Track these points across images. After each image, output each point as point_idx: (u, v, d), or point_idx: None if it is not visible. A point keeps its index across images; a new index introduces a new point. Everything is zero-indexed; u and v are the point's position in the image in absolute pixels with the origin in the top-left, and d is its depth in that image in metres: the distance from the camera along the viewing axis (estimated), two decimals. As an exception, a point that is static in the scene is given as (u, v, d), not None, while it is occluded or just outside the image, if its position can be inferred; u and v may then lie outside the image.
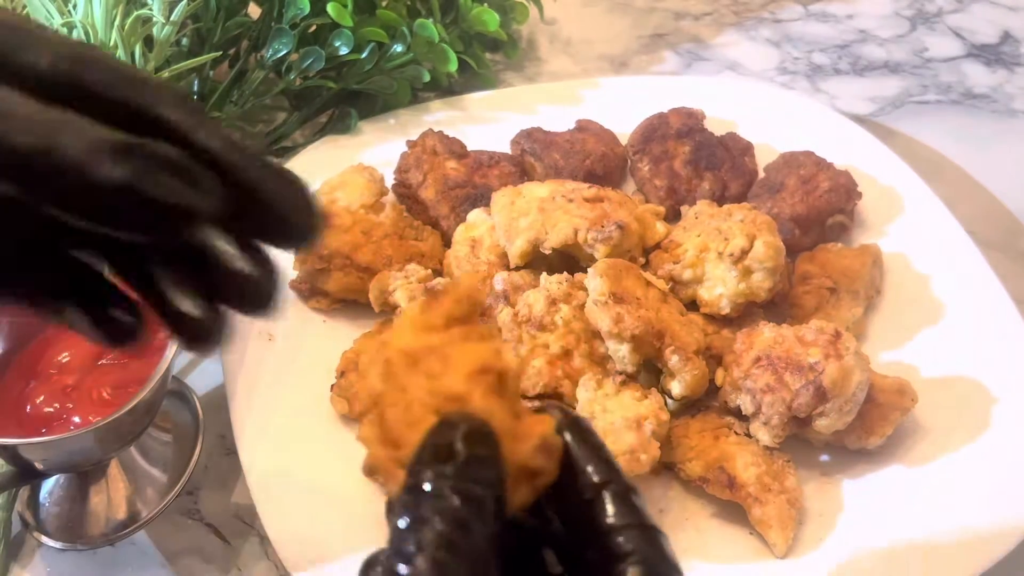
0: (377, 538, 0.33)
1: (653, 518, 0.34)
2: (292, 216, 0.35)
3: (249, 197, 0.34)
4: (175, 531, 0.69)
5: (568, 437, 0.34)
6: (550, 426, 0.34)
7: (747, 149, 0.89)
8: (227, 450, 0.72)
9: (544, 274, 0.73)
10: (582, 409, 0.66)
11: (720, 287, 0.73)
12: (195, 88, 0.90)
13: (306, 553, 0.63)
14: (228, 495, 0.71)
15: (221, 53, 0.91)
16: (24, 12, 0.83)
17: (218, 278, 0.35)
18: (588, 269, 0.70)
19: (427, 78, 0.94)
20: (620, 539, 0.33)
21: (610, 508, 0.33)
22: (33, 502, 0.68)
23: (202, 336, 0.36)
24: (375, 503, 0.64)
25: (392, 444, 0.33)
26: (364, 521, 0.63)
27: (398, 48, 0.92)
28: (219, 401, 0.72)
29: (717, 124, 0.90)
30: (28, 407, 0.62)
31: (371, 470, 0.33)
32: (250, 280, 0.35)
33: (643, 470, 0.63)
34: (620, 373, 0.68)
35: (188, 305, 0.36)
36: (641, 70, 1.08)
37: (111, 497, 0.68)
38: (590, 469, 0.34)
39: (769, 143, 0.90)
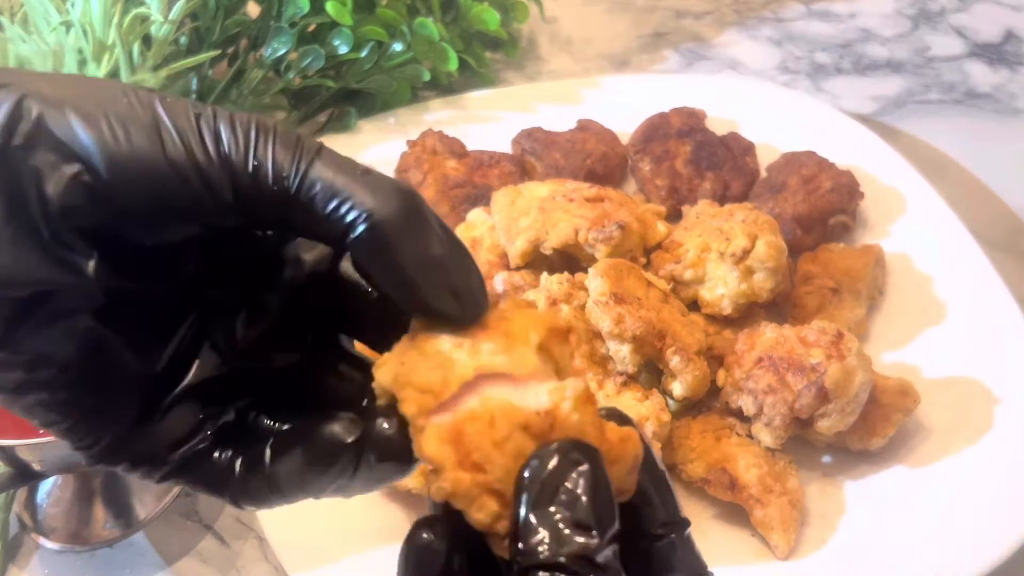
0: (376, 540, 0.32)
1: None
2: None
3: None
4: (174, 533, 0.68)
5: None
6: (638, 444, 0.30)
7: (749, 149, 0.88)
8: (226, 451, 0.72)
9: (544, 274, 0.72)
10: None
11: (722, 287, 0.73)
12: (194, 87, 0.90)
13: (305, 555, 0.63)
14: (227, 496, 0.70)
15: (220, 52, 0.90)
16: (22, 11, 0.83)
17: None
18: (589, 269, 0.70)
19: (427, 77, 0.94)
20: None
21: (680, 552, 0.31)
22: (31, 503, 0.68)
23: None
24: (375, 505, 0.64)
25: (475, 467, 0.28)
26: (364, 523, 0.62)
27: (398, 47, 0.91)
28: (218, 402, 0.71)
29: (718, 124, 0.90)
30: (25, 408, 0.62)
31: (450, 496, 0.28)
32: None
33: (644, 471, 0.63)
34: (621, 374, 0.68)
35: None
36: (642, 69, 1.08)
37: (109, 498, 0.68)
38: (659, 504, 0.32)
39: (771, 143, 0.90)
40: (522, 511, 0.28)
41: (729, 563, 0.64)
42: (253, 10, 0.93)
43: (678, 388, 0.67)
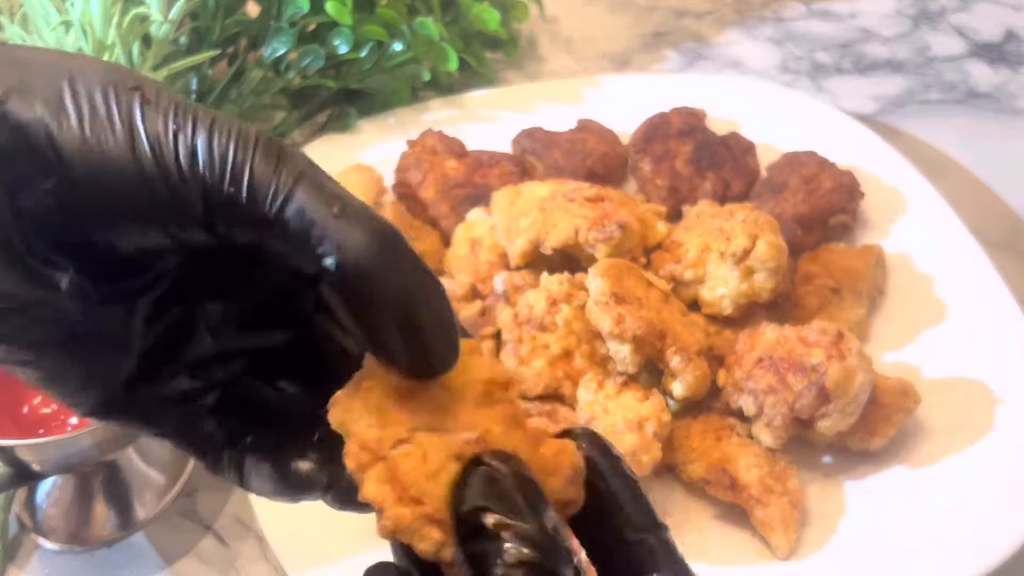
0: (376, 540, 0.32)
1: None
2: None
3: None
4: (173, 533, 0.68)
5: (599, 465, 0.31)
6: (575, 454, 0.31)
7: (749, 148, 0.88)
8: (226, 451, 0.72)
9: (544, 274, 0.72)
10: (582, 410, 0.66)
11: (722, 287, 0.73)
12: (193, 87, 0.90)
13: (305, 555, 0.63)
14: (227, 497, 0.70)
15: (219, 51, 0.90)
16: (22, 11, 0.82)
17: None
18: (589, 269, 0.70)
19: (427, 77, 0.94)
20: None
21: (660, 557, 0.31)
22: (30, 504, 0.68)
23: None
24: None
25: (413, 501, 0.29)
26: (363, 523, 0.62)
27: (398, 47, 0.91)
28: (217, 402, 0.71)
29: (719, 123, 0.90)
30: (25, 408, 0.62)
31: (393, 532, 0.29)
32: None
33: (644, 472, 0.63)
34: (621, 374, 0.67)
35: None
36: (642, 69, 1.08)
37: (109, 499, 0.68)
38: (632, 511, 0.31)
39: (771, 142, 0.89)
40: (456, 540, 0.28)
41: (729, 563, 0.64)
42: (253, 10, 0.92)
43: (678, 388, 0.67)
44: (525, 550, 0.27)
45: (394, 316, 0.29)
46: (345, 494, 0.35)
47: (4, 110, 0.28)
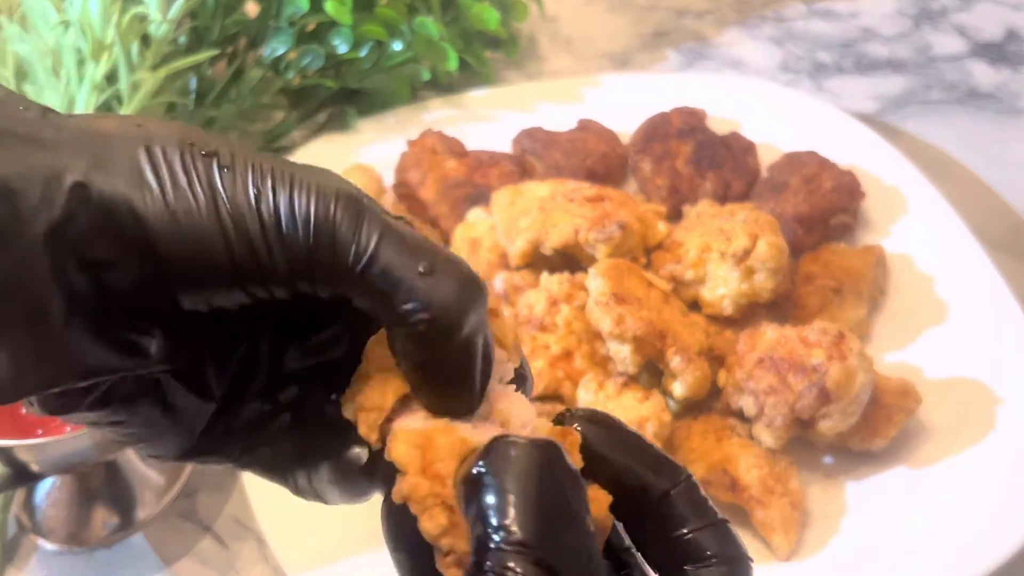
0: (377, 540, 0.32)
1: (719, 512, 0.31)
2: None
3: None
4: (172, 534, 0.68)
5: (603, 447, 0.32)
6: (605, 501, 0.30)
7: (750, 148, 0.88)
8: (225, 452, 0.72)
9: (545, 274, 0.72)
10: (583, 411, 0.66)
11: (722, 287, 0.73)
12: (192, 86, 0.90)
13: (304, 556, 0.62)
14: (226, 497, 0.70)
15: (219, 51, 0.90)
16: (20, 10, 0.82)
17: None
18: (589, 269, 0.69)
19: (427, 76, 0.93)
20: (697, 539, 0.30)
21: (682, 509, 0.31)
22: (29, 504, 0.68)
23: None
24: (375, 506, 0.64)
25: (435, 477, 0.29)
26: (362, 524, 0.62)
27: (397, 46, 0.91)
28: (217, 402, 0.71)
29: (719, 123, 0.90)
30: (23, 408, 0.62)
31: (405, 498, 0.29)
32: None
33: (645, 472, 0.62)
34: (621, 374, 0.67)
35: None
36: (643, 68, 1.08)
37: (108, 499, 0.68)
38: (647, 473, 0.31)
39: (772, 142, 0.89)
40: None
41: (730, 564, 0.64)
42: (252, 9, 0.92)
43: (679, 388, 0.67)
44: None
45: (458, 363, 0.30)
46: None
47: (88, 189, 0.28)
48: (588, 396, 0.66)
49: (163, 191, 0.28)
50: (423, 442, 0.29)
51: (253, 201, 0.28)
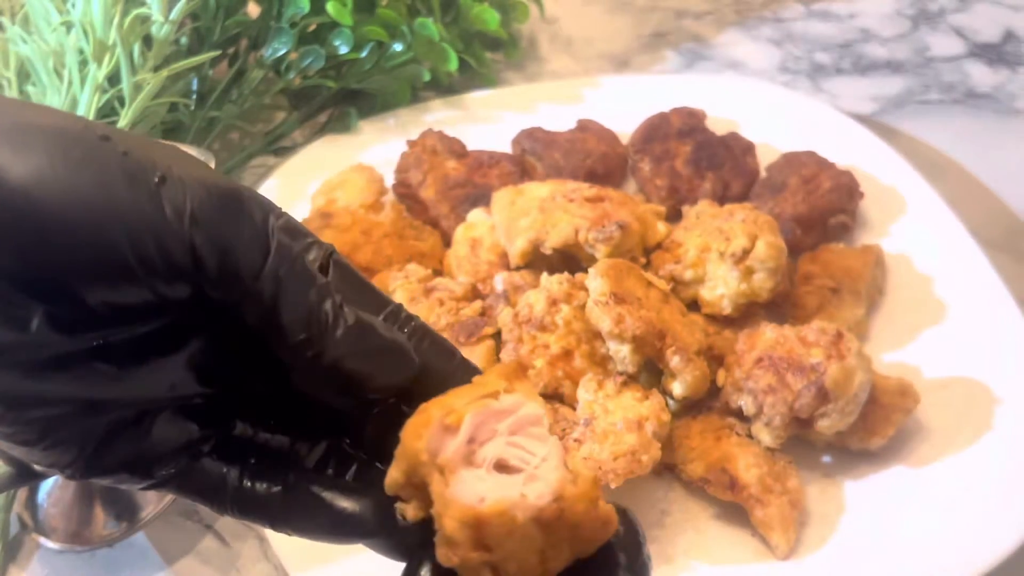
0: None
1: None
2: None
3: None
4: (174, 532, 0.68)
5: (621, 541, 0.34)
6: (612, 527, 0.33)
7: (749, 149, 0.88)
8: (226, 451, 0.72)
9: (545, 274, 0.72)
10: (582, 410, 0.66)
11: (722, 287, 0.73)
12: (194, 87, 0.90)
13: (305, 555, 0.63)
14: (227, 496, 0.70)
15: (220, 52, 0.90)
16: (23, 12, 0.83)
17: None
18: (589, 269, 0.70)
19: (427, 77, 0.94)
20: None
21: None
22: (31, 503, 0.68)
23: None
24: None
25: (485, 548, 0.31)
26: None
27: (398, 47, 0.91)
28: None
29: (718, 123, 0.90)
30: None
31: (456, 566, 0.32)
32: None
33: (644, 471, 0.63)
34: (621, 374, 0.68)
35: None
36: (642, 69, 1.08)
37: (110, 498, 0.68)
38: None
39: (771, 143, 0.90)
40: None
41: (729, 563, 0.64)
42: (253, 10, 0.93)
43: (678, 388, 0.67)
44: None
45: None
46: (403, 535, 0.36)
47: None
48: (588, 395, 0.66)
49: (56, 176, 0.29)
50: (475, 523, 0.31)
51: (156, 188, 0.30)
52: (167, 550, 0.67)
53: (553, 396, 0.68)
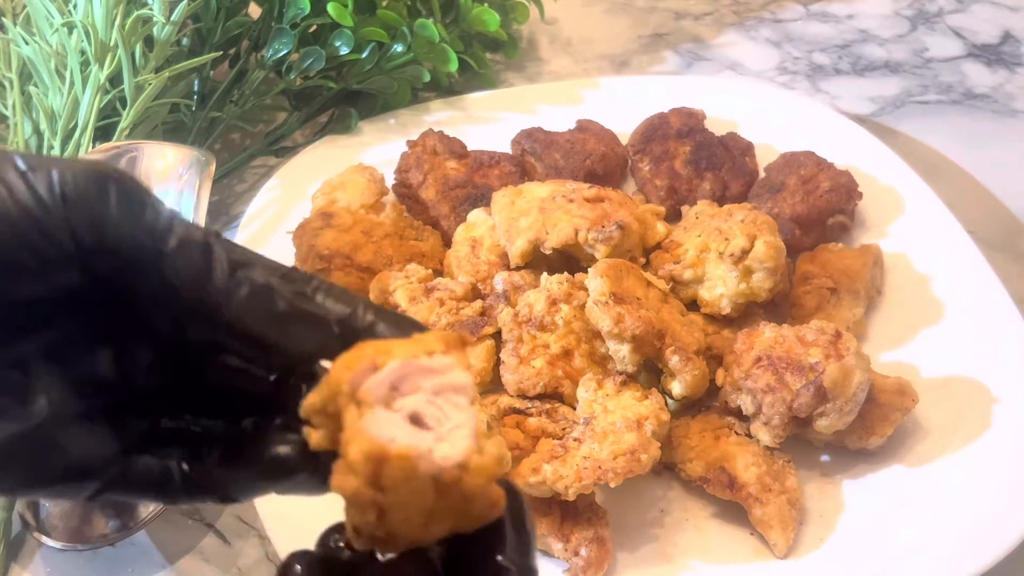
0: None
1: None
2: None
3: None
4: (176, 531, 0.68)
5: (508, 520, 0.34)
6: (500, 507, 0.34)
7: (748, 149, 0.89)
8: (227, 450, 0.72)
9: (544, 274, 0.73)
10: (582, 409, 0.66)
11: (721, 287, 0.73)
12: (195, 88, 0.91)
13: (306, 553, 0.63)
14: (228, 495, 0.70)
15: (221, 53, 0.91)
16: (24, 13, 0.83)
17: None
18: (588, 269, 0.70)
19: (427, 78, 0.94)
20: None
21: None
22: (33, 502, 0.68)
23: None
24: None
25: (379, 487, 0.32)
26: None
27: (398, 48, 0.92)
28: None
29: (718, 124, 0.90)
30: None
31: (343, 494, 0.33)
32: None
33: (643, 470, 0.63)
34: (620, 373, 0.68)
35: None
36: (642, 70, 1.08)
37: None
38: (509, 559, 0.34)
39: (770, 143, 0.90)
40: None
41: (728, 561, 0.64)
42: (254, 11, 0.93)
43: (677, 387, 0.68)
44: None
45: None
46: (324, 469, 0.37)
47: None
48: (587, 395, 0.66)
49: None
50: (378, 457, 0.32)
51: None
52: (168, 548, 0.68)
53: (553, 395, 0.69)
